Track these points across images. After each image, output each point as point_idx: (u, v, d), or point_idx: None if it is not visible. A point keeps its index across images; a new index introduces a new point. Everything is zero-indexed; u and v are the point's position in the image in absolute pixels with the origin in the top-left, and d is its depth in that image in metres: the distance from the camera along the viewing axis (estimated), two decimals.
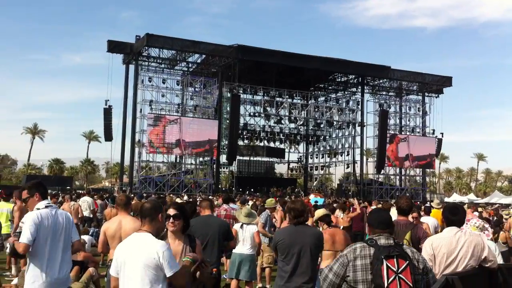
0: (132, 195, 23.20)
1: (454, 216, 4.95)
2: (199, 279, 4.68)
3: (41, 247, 5.05)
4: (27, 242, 4.92)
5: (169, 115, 42.45)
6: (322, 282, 3.89)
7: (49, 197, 5.87)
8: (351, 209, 14.99)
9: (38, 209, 5.14)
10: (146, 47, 42.45)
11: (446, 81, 52.84)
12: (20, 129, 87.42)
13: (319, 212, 7.51)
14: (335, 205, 15.55)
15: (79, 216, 15.12)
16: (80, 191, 36.20)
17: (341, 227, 11.81)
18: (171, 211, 4.67)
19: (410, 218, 8.15)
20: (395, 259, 3.60)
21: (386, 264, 3.58)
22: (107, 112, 43.43)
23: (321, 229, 7.01)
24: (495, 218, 14.85)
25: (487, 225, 6.66)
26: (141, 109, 42.48)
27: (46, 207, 5.20)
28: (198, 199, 21.40)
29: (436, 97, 53.87)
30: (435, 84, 52.50)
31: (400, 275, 3.57)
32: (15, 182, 69.15)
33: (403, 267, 3.59)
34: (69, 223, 5.31)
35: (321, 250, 6.00)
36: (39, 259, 5.05)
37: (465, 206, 16.31)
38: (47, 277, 5.03)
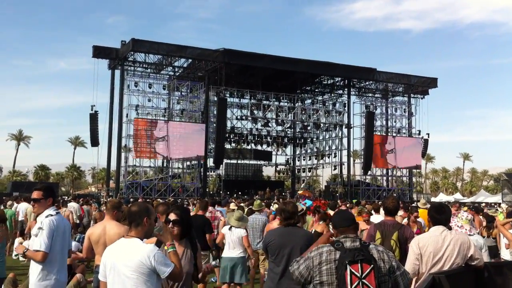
0: (120, 200, 23.01)
1: (439, 215, 4.98)
2: (200, 280, 4.78)
3: (55, 253, 5.11)
4: (46, 250, 4.96)
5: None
6: (292, 272, 3.90)
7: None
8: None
9: (51, 215, 5.16)
10: (132, 52, 42.24)
11: (432, 82, 53.25)
12: (5, 135, 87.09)
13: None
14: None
15: (71, 222, 14.97)
16: (66, 197, 35.87)
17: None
18: (172, 216, 4.61)
19: (398, 219, 8.21)
20: (359, 264, 3.59)
21: (350, 270, 3.57)
22: (93, 118, 43.15)
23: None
24: (480, 216, 14.93)
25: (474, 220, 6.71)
26: (127, 114, 42.31)
27: (56, 213, 5.27)
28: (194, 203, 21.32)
29: (422, 98, 54.26)
30: (421, 86, 52.87)
31: (363, 280, 3.55)
32: (0, 189, 68.39)
33: (367, 271, 3.57)
34: (70, 230, 5.50)
35: None
36: (52, 266, 5.10)
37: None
38: (57, 282, 5.11)
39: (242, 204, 16.84)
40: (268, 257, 5.87)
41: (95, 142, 43.72)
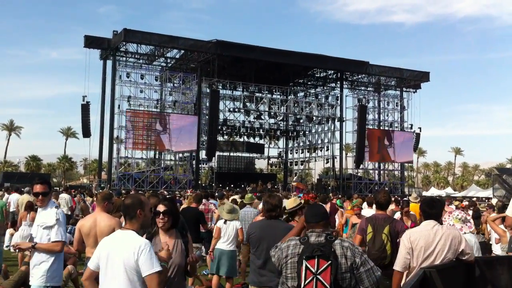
0: (111, 191, 22.95)
1: (431, 209, 4.99)
2: (190, 272, 4.76)
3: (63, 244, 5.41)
4: (65, 240, 5.31)
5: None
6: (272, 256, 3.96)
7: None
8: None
9: (58, 207, 5.42)
10: (124, 42, 41.97)
11: (424, 76, 53.40)
12: None
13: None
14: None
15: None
16: (58, 189, 35.69)
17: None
18: (161, 207, 4.57)
19: (390, 213, 8.23)
20: (316, 259, 3.57)
21: (306, 265, 3.57)
22: (85, 108, 42.89)
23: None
24: (469, 210, 15.03)
25: (469, 217, 6.72)
26: (119, 105, 42.06)
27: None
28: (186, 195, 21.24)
29: (414, 92, 54.44)
30: (413, 79, 53.03)
31: (318, 276, 3.53)
32: None
33: (323, 267, 3.54)
34: None
35: None
36: (61, 257, 5.44)
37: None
38: (61, 272, 5.52)
39: (236, 197, 16.80)
40: (251, 249, 5.87)
41: (86, 133, 43.47)
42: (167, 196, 16.73)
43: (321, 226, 3.86)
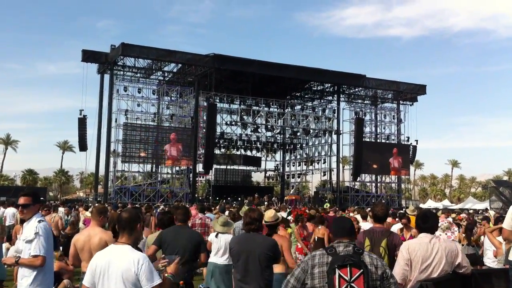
0: (107, 205, 22.91)
1: (425, 223, 5.02)
2: None
3: (49, 259, 5.18)
4: (45, 254, 5.04)
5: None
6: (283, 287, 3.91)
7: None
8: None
9: (42, 221, 5.20)
10: (122, 57, 42.10)
11: (420, 89, 53.63)
12: None
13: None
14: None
15: (60, 228, 14.82)
16: (53, 202, 35.52)
17: (315, 238, 11.66)
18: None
19: (389, 224, 8.24)
20: (348, 268, 3.64)
21: (339, 273, 3.63)
22: (82, 122, 42.88)
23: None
24: (465, 222, 15.01)
25: (455, 227, 6.74)
26: (116, 119, 42.12)
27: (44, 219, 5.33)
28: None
29: (411, 105, 54.61)
30: (410, 92, 53.24)
31: (352, 284, 3.61)
32: None
33: (356, 275, 3.62)
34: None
35: (277, 258, 5.81)
36: (46, 272, 5.15)
37: (439, 212, 16.50)
38: (47, 286, 5.17)
39: (232, 209, 16.73)
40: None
41: (83, 146, 43.43)
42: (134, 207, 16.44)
43: (347, 238, 3.94)
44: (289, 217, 14.04)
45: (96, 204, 21.88)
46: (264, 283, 5.49)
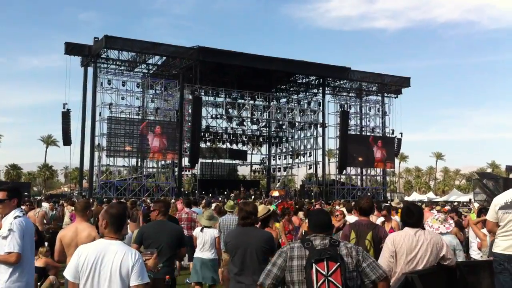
0: (92, 200, 22.76)
1: (410, 218, 5.04)
2: None
3: (26, 254, 5.03)
4: (20, 251, 4.89)
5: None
6: (265, 278, 3.86)
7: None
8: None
9: (19, 216, 5.05)
10: (105, 49, 41.70)
11: (404, 81, 54.00)
12: None
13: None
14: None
15: (46, 222, 14.65)
16: (38, 197, 35.23)
17: (303, 231, 11.69)
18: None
19: (374, 216, 8.26)
20: (325, 262, 3.63)
21: (316, 268, 3.62)
22: (66, 116, 42.48)
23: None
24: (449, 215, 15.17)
25: (450, 220, 6.78)
26: (100, 112, 41.79)
27: (23, 214, 5.16)
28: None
29: (395, 98, 54.97)
30: (394, 85, 53.57)
31: (329, 278, 3.59)
32: None
33: (333, 269, 3.61)
34: (34, 230, 5.34)
35: (273, 251, 5.86)
36: (23, 267, 5.01)
37: (423, 205, 16.64)
38: (27, 285, 5.04)
39: (219, 203, 16.73)
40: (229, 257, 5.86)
41: (67, 141, 43.03)
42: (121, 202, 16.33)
43: (324, 233, 3.91)
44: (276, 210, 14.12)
45: (80, 200, 21.75)
46: None
